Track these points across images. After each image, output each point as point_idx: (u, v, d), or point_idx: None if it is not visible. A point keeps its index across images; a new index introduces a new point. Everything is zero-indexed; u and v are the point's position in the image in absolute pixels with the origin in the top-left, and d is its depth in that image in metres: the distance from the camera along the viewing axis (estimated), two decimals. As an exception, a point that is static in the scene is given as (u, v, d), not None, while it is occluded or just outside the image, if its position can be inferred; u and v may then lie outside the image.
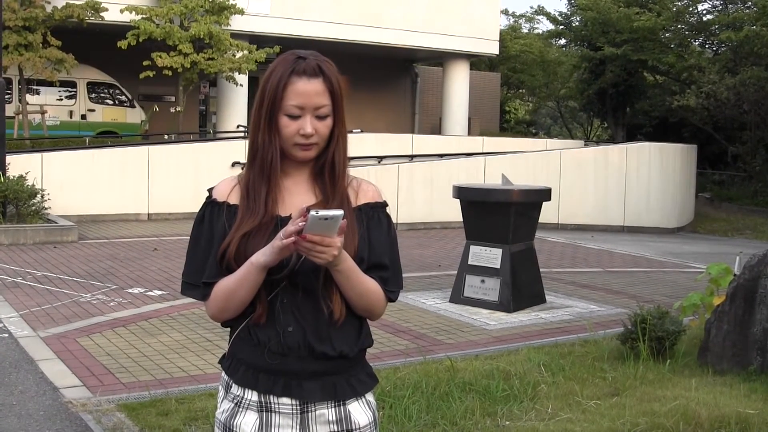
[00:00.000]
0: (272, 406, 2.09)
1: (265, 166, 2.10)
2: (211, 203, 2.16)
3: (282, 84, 2.05)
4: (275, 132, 2.08)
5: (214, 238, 2.11)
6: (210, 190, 2.19)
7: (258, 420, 2.09)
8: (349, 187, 2.17)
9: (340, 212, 1.89)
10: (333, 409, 2.11)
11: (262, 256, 1.99)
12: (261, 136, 2.09)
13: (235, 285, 2.04)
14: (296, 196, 2.12)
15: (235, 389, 2.13)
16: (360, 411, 2.15)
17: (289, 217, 2.04)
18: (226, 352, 2.19)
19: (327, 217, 1.87)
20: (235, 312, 2.09)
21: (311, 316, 2.07)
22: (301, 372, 2.07)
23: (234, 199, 2.13)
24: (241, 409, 2.11)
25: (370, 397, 2.19)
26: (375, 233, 2.14)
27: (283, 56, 2.11)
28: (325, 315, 2.07)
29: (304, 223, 1.90)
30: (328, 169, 2.12)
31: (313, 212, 1.87)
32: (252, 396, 2.10)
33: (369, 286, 2.09)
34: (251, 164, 2.12)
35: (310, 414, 2.10)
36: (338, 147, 2.13)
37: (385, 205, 2.21)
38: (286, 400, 2.09)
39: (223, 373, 2.18)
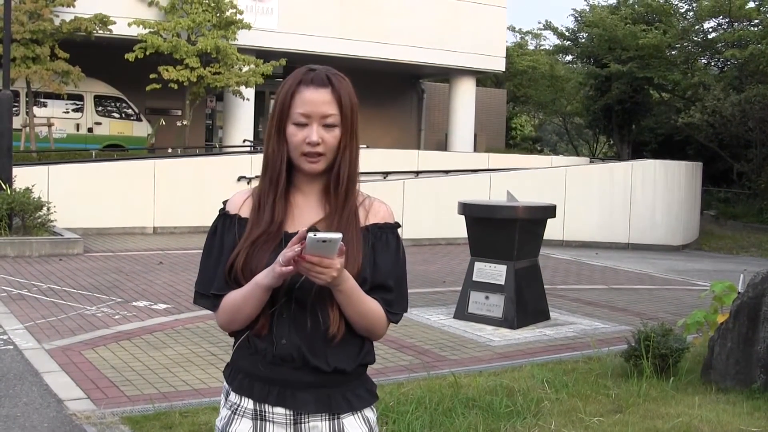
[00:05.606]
0: (266, 414, 2.11)
1: (273, 175, 2.12)
2: (223, 215, 2.19)
3: (290, 93, 2.08)
4: (283, 141, 2.10)
5: (224, 249, 2.14)
6: (224, 203, 2.22)
7: (252, 428, 2.11)
8: (361, 206, 2.16)
9: (338, 235, 1.90)
10: (327, 422, 2.11)
11: (265, 278, 2.01)
12: (271, 145, 2.12)
13: (241, 301, 2.07)
14: (305, 211, 2.14)
15: (233, 397, 2.15)
16: (355, 426, 2.13)
17: (296, 234, 2.06)
18: (230, 360, 2.21)
19: (325, 239, 1.89)
20: (242, 324, 2.12)
21: (308, 331, 2.07)
22: (296, 383, 2.08)
23: (245, 212, 2.16)
24: (236, 416, 2.14)
25: (369, 413, 2.18)
26: (381, 254, 2.13)
27: (296, 70, 2.14)
28: (322, 331, 2.07)
29: (300, 248, 1.92)
30: (334, 183, 2.11)
31: (311, 234, 1.89)
32: (248, 404, 2.12)
33: (370, 307, 2.09)
34: (264, 175, 2.15)
35: (303, 425, 2.10)
36: (344, 159, 2.11)
37: (396, 226, 2.19)
38: (279, 409, 2.10)
39: (225, 381, 2.21)
